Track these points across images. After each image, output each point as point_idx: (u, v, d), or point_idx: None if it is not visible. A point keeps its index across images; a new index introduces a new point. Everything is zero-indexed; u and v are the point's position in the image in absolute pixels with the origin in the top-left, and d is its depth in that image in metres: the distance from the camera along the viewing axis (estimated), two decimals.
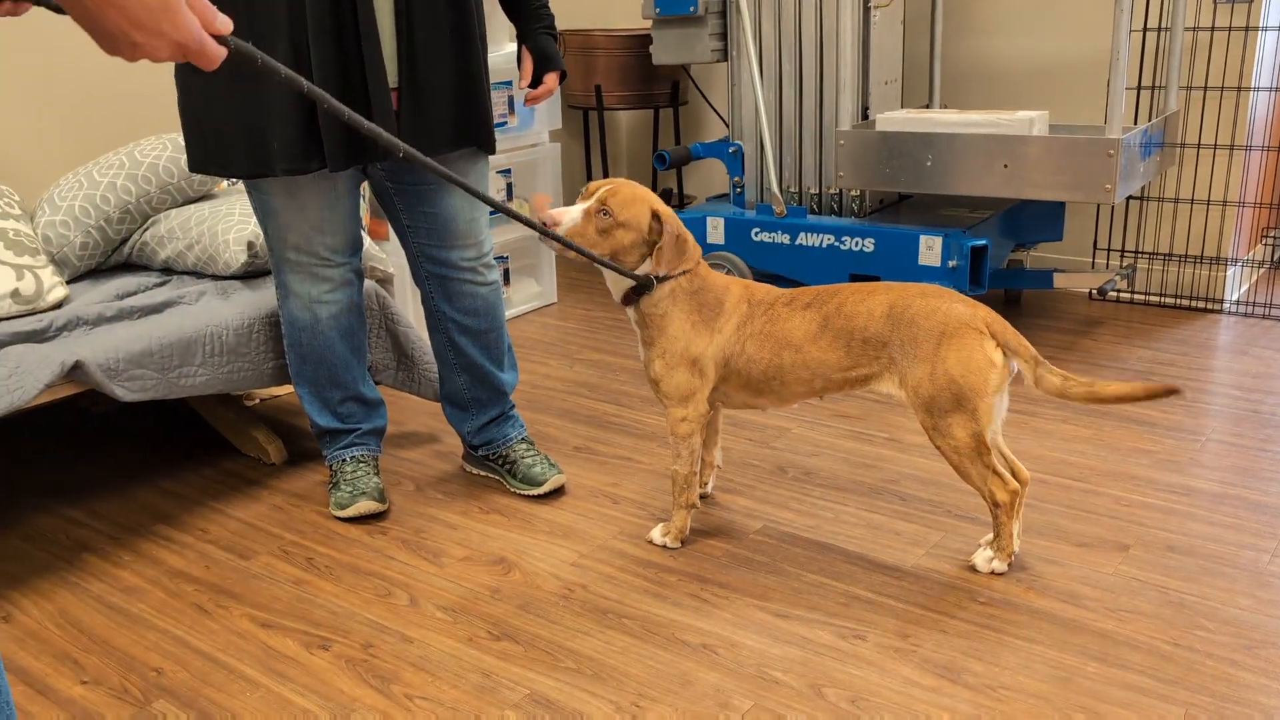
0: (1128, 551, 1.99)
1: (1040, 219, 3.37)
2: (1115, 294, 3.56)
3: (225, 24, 1.05)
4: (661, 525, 2.09)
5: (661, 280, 1.93)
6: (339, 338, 2.20)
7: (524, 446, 2.35)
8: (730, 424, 2.64)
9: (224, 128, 1.98)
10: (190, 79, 1.99)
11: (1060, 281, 3.19)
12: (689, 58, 3.44)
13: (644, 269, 1.94)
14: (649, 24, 4.17)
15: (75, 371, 2.02)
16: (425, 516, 2.24)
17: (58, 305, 2.33)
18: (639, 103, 4.05)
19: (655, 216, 1.90)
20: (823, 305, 1.91)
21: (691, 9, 3.32)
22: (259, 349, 2.31)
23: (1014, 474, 1.97)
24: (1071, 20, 3.49)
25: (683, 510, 2.06)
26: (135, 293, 2.44)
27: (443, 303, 2.24)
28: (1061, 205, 3.34)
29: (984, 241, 3.01)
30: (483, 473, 2.41)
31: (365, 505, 2.20)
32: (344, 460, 2.28)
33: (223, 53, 1.05)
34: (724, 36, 3.45)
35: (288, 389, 2.99)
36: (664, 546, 2.07)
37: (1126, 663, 1.67)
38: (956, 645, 1.73)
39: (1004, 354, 1.82)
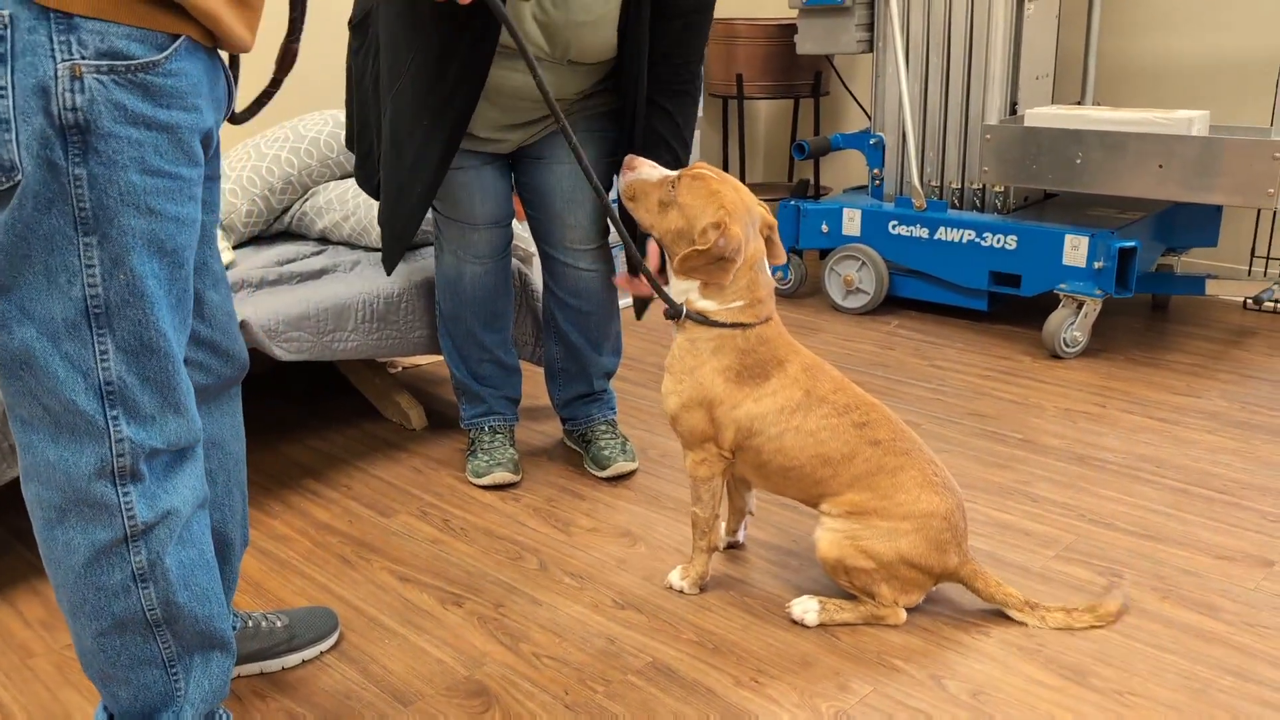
0: (1272, 567, 1.92)
1: (1194, 223, 3.25)
2: (1273, 304, 3.40)
3: None
4: (680, 568, 1.91)
5: (700, 322, 1.75)
6: (481, 299, 2.27)
7: (604, 428, 2.38)
8: None
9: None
10: (361, 67, 2.12)
11: (1213, 288, 3.07)
12: (834, 48, 3.43)
13: (684, 288, 1.78)
14: (792, 14, 4.16)
15: (240, 330, 2.15)
16: (556, 487, 2.31)
17: (226, 268, 2.48)
18: (780, 92, 4.05)
19: (716, 226, 1.68)
20: (887, 453, 1.74)
21: None
22: (407, 318, 2.42)
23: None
24: (1239, 17, 3.34)
25: (703, 554, 1.87)
26: (294, 260, 2.57)
27: (547, 276, 2.29)
28: (1218, 209, 3.21)
29: (1133, 243, 2.92)
30: (572, 446, 2.46)
31: (500, 475, 2.28)
32: (482, 429, 2.36)
33: None
34: (871, 27, 3.43)
35: (431, 358, 3.12)
36: (680, 591, 1.89)
37: (1264, 679, 1.62)
38: (1085, 648, 1.70)
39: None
